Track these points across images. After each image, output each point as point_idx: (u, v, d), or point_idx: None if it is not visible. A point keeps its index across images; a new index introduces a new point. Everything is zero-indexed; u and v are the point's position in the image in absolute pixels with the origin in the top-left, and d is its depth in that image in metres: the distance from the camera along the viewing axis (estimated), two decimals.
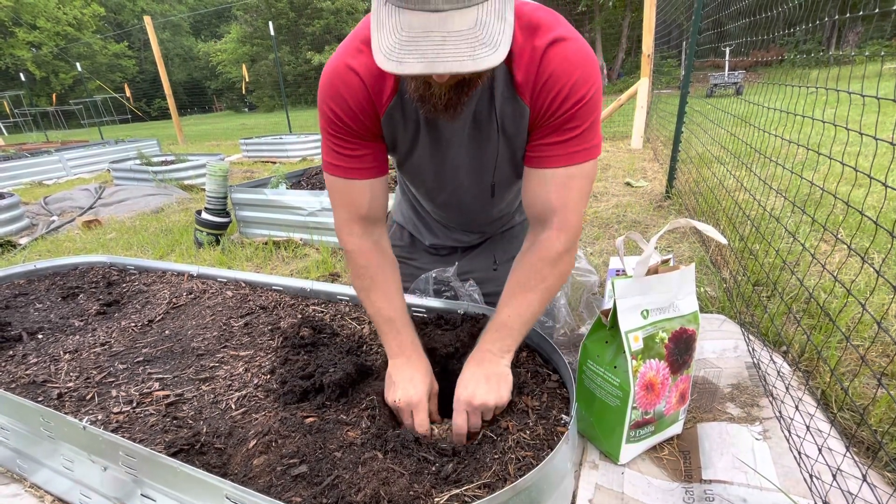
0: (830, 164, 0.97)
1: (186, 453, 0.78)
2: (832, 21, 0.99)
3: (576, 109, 0.79)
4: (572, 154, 0.82)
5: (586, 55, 0.78)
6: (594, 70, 0.79)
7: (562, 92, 0.78)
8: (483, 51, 0.59)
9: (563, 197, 0.84)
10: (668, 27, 4.90)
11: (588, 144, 0.82)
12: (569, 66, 0.77)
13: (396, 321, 0.91)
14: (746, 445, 0.86)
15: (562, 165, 0.83)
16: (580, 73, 0.77)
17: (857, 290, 1.49)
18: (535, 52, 0.77)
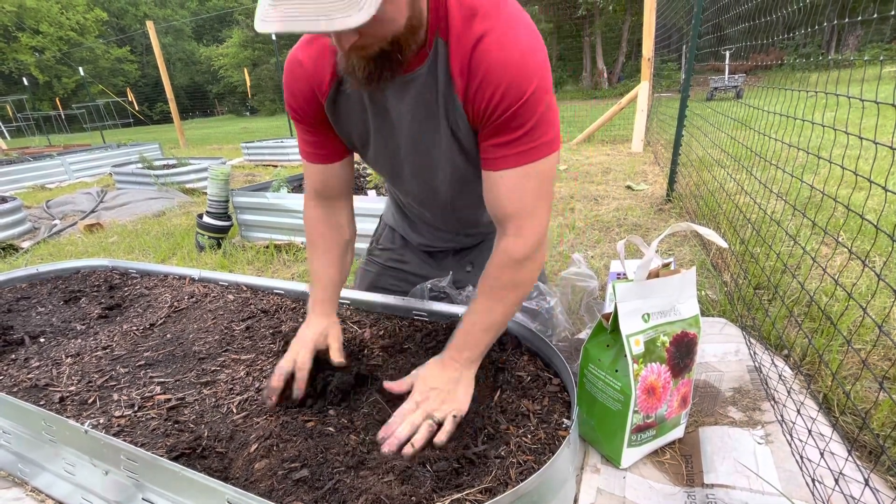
0: (831, 168, 0.97)
1: (188, 457, 0.78)
2: (832, 25, 0.99)
3: (515, 109, 0.75)
4: (520, 154, 0.79)
5: (522, 46, 0.73)
6: (533, 60, 0.74)
7: (496, 94, 0.74)
8: (341, 13, 0.57)
9: (516, 201, 0.81)
10: (668, 31, 4.91)
11: (537, 142, 0.78)
12: (501, 65, 0.73)
13: (319, 280, 1.01)
14: (748, 449, 0.85)
15: (511, 167, 0.80)
16: (514, 71, 0.73)
17: (859, 293, 1.49)
18: (467, 45, 0.74)
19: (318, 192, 1.01)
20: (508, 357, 0.98)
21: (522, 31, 0.75)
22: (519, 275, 0.84)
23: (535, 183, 0.81)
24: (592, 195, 3.28)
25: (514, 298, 0.86)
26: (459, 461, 0.73)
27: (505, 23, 0.74)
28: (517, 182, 0.80)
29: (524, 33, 0.75)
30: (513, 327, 1.06)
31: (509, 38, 0.73)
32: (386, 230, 1.39)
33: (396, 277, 1.35)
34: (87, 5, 31.97)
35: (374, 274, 1.38)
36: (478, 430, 0.80)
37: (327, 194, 1.01)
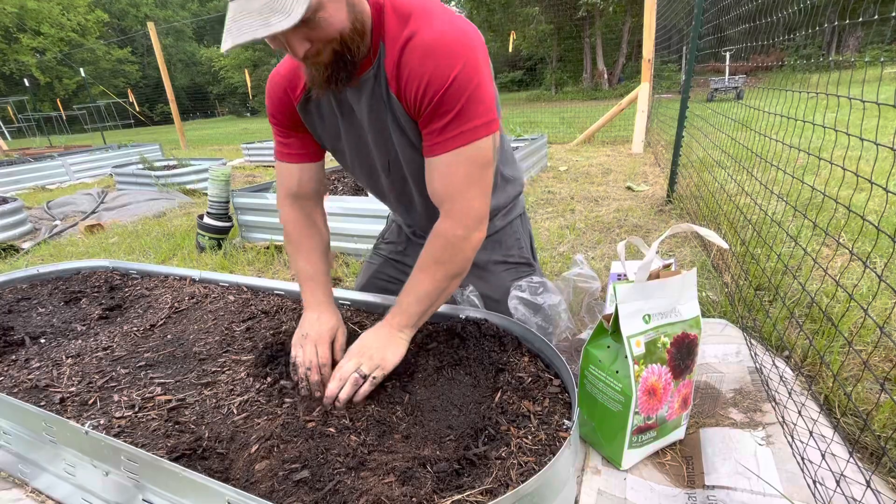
0: (832, 169, 0.97)
1: (188, 458, 0.78)
2: (832, 26, 0.99)
3: (440, 96, 0.81)
4: (449, 140, 0.84)
5: (443, 38, 0.80)
6: (456, 49, 0.80)
7: (420, 85, 0.82)
8: (276, 17, 0.68)
9: (447, 184, 0.88)
10: (668, 32, 4.92)
11: (465, 127, 0.83)
12: (423, 59, 0.81)
13: (314, 279, 1.04)
14: (749, 451, 0.85)
15: (442, 153, 0.86)
16: (436, 60, 0.80)
17: (860, 294, 1.49)
18: (399, 45, 0.83)
19: (292, 193, 1.07)
20: (509, 358, 0.98)
21: (448, 26, 0.82)
22: (447, 252, 0.90)
23: (464, 167, 0.86)
24: (593, 196, 3.28)
25: (442, 273, 0.92)
26: (460, 462, 0.73)
27: (431, 21, 0.82)
28: (448, 167, 0.86)
29: (449, 28, 0.82)
30: (513, 328, 1.06)
31: (434, 33, 0.81)
32: (393, 226, 1.42)
33: (398, 269, 1.36)
34: (89, 6, 32.02)
35: (376, 266, 1.41)
36: (478, 431, 0.80)
37: (301, 195, 1.07)
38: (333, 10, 0.75)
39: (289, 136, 1.03)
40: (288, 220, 1.08)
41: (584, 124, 6.92)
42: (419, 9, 0.84)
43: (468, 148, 0.85)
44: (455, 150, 0.85)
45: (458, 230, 0.88)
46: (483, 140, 0.85)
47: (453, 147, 0.85)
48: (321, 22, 0.74)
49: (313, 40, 0.76)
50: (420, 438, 0.81)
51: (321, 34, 0.76)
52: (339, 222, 2.47)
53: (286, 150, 1.05)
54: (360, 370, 0.87)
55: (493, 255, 1.23)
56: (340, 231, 2.48)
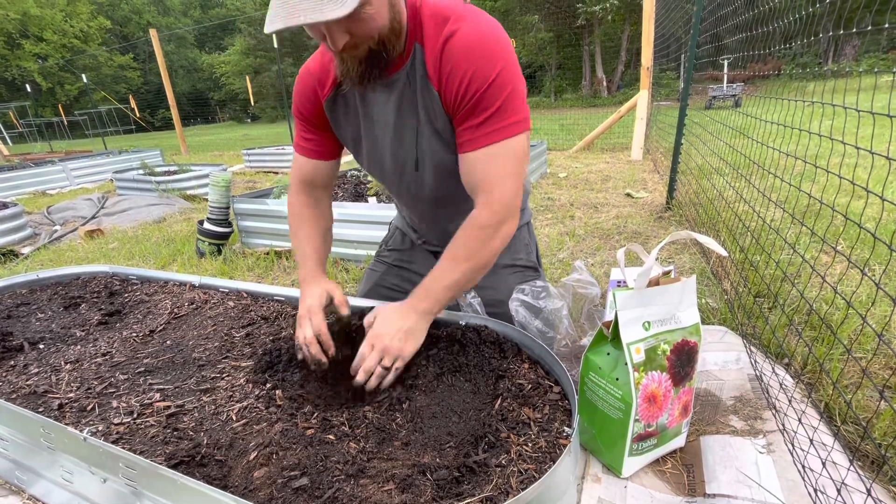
0: (828, 176, 0.98)
1: (187, 465, 0.78)
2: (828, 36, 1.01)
3: (481, 93, 0.85)
4: (489, 134, 0.88)
5: (485, 38, 0.84)
6: (497, 49, 0.84)
7: (464, 80, 0.85)
8: (329, 6, 0.70)
9: (484, 175, 0.90)
10: (666, 40, 4.96)
11: (504, 122, 0.87)
12: (467, 55, 0.84)
13: (310, 257, 1.08)
14: (750, 459, 0.85)
15: (481, 147, 0.89)
16: (479, 58, 0.84)
17: (859, 301, 1.49)
18: (439, 43, 0.86)
19: (305, 182, 1.12)
20: (509, 364, 0.98)
21: (485, 25, 0.86)
22: (483, 242, 0.91)
23: (502, 159, 0.89)
24: (592, 203, 3.29)
25: (477, 263, 0.93)
26: (460, 469, 0.73)
27: (469, 21, 0.86)
28: (487, 159, 0.89)
29: (487, 27, 0.86)
30: (513, 334, 1.06)
31: (474, 31, 0.85)
32: (396, 233, 1.43)
33: (401, 277, 1.37)
34: (91, 13, 32.25)
35: (379, 273, 1.41)
36: (478, 439, 0.80)
37: (315, 182, 1.12)
38: (377, 6, 0.78)
39: (310, 132, 1.07)
40: (295, 201, 1.12)
41: (583, 131, 6.95)
42: (457, 11, 0.87)
43: (507, 142, 0.88)
44: (495, 144, 0.88)
45: (493, 219, 0.90)
46: (520, 136, 0.89)
47: (493, 141, 0.88)
48: (364, 17, 0.76)
49: (354, 34, 0.78)
50: (420, 445, 0.80)
51: (363, 29, 0.78)
52: (339, 228, 2.48)
53: (306, 145, 1.09)
54: (383, 363, 0.90)
55: (503, 259, 1.25)
56: (340, 237, 2.49)
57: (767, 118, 1.36)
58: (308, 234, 1.10)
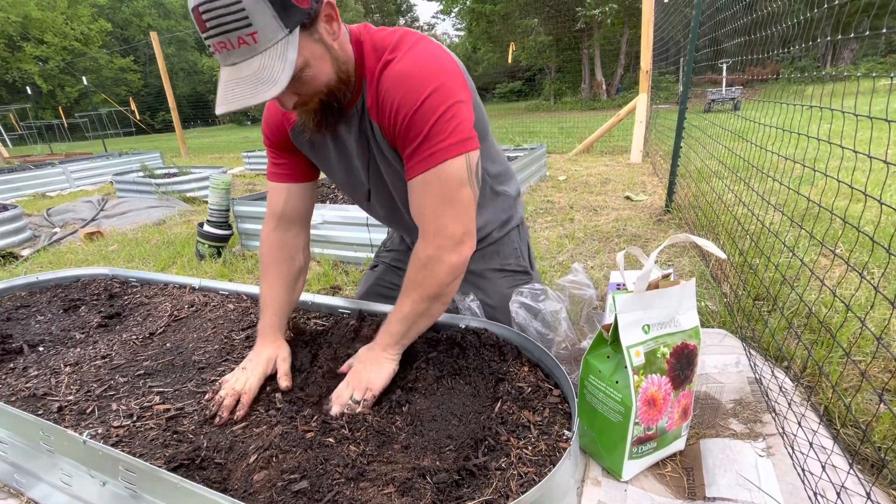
0: (827, 179, 0.98)
1: (186, 468, 0.78)
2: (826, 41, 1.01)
3: (409, 118, 0.85)
4: (421, 162, 0.87)
5: (416, 64, 0.85)
6: (427, 74, 0.84)
7: (392, 109, 0.86)
8: (263, 87, 0.74)
9: (419, 206, 0.90)
10: (665, 44, 4.98)
11: (435, 148, 0.85)
12: (395, 84, 0.85)
13: (270, 307, 1.07)
14: (750, 462, 0.85)
15: (415, 175, 0.88)
16: (407, 85, 0.84)
17: (858, 304, 1.49)
18: (376, 75, 0.88)
19: (277, 215, 1.09)
20: (509, 368, 0.98)
21: (419, 52, 0.86)
22: (424, 274, 0.90)
23: (436, 187, 0.87)
24: (592, 205, 3.29)
25: (418, 295, 0.92)
26: (460, 473, 0.73)
27: (404, 50, 0.87)
28: (421, 188, 0.88)
29: (420, 54, 0.86)
30: (513, 337, 1.07)
31: (406, 59, 0.86)
32: (395, 235, 1.44)
33: (400, 277, 1.36)
34: (92, 16, 32.33)
35: (378, 273, 1.42)
36: (478, 442, 0.80)
37: (287, 217, 1.09)
38: (319, 66, 0.81)
39: (281, 157, 1.07)
40: (263, 245, 1.11)
41: (582, 134, 6.97)
42: (396, 41, 0.88)
43: (439, 169, 0.86)
44: (427, 171, 0.86)
45: (431, 251, 0.89)
46: (455, 160, 0.86)
47: (426, 168, 0.86)
48: (307, 79, 0.80)
49: (301, 94, 0.82)
50: (419, 449, 0.80)
51: (308, 89, 0.82)
52: (339, 231, 2.48)
53: (277, 171, 1.09)
54: (353, 397, 0.91)
55: (491, 264, 1.25)
56: (340, 240, 2.49)
57: (766, 122, 1.37)
58: (272, 283, 1.09)
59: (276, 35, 0.73)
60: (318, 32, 0.80)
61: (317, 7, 0.77)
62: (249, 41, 0.72)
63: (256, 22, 0.71)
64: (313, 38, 0.79)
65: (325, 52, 0.82)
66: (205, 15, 0.71)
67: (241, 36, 0.72)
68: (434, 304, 0.94)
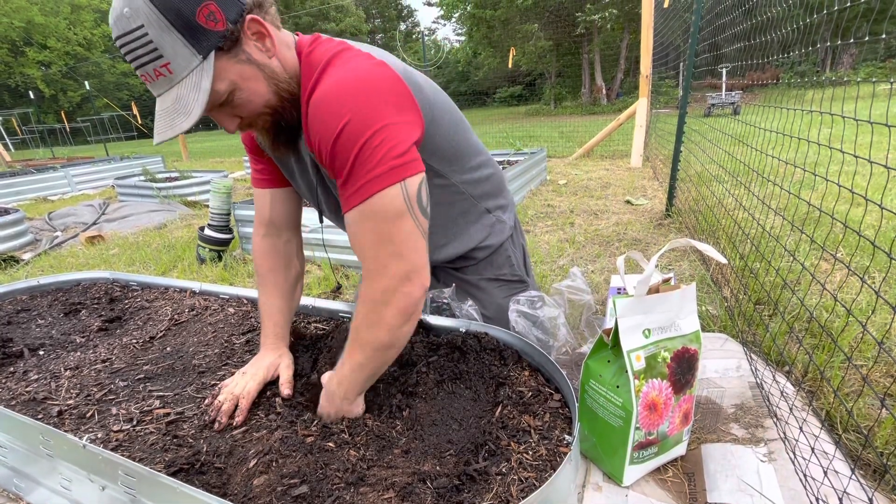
0: (828, 183, 0.98)
1: (186, 473, 0.77)
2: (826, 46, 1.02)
3: (330, 149, 0.77)
4: (351, 196, 0.78)
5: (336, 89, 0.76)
6: (347, 99, 0.75)
7: (316, 138, 0.78)
8: (179, 119, 0.74)
9: (356, 243, 0.81)
10: (665, 49, 5.00)
11: (361, 181, 0.76)
12: (315, 111, 0.77)
13: (271, 317, 1.06)
14: (752, 467, 0.85)
15: (348, 210, 0.80)
16: (324, 114, 0.76)
17: (859, 309, 1.49)
18: (305, 101, 0.82)
19: (266, 222, 1.07)
20: (510, 372, 0.98)
21: (345, 71, 0.78)
22: (371, 320, 0.80)
23: (369, 224, 0.78)
24: (592, 210, 3.29)
25: (373, 346, 0.81)
26: (460, 478, 0.73)
27: (332, 70, 0.80)
28: (357, 226, 0.79)
29: (345, 74, 0.78)
30: (514, 342, 1.06)
31: (327, 84, 0.78)
32: None
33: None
34: (95, 21, 32.55)
35: None
36: (479, 446, 0.80)
37: (275, 223, 1.08)
38: (250, 88, 0.77)
39: (259, 162, 1.05)
40: (256, 253, 1.09)
41: (582, 138, 6.99)
42: (326, 58, 0.81)
43: (371, 202, 0.76)
44: (359, 206, 0.77)
45: (376, 294, 0.78)
46: (388, 190, 0.75)
47: (356, 203, 0.77)
48: (240, 102, 0.78)
49: (239, 116, 0.81)
50: (420, 453, 0.80)
51: (245, 111, 0.80)
52: (340, 234, 2.48)
53: (259, 176, 1.07)
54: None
55: (485, 274, 1.23)
56: (340, 243, 2.49)
57: (766, 126, 1.37)
58: (271, 292, 1.07)
59: (189, 63, 0.71)
60: (245, 52, 0.75)
61: (236, 28, 0.73)
62: (164, 72, 0.72)
63: (167, 53, 0.70)
64: (238, 60, 0.75)
65: (257, 72, 0.77)
66: (122, 49, 0.72)
67: (156, 68, 0.71)
68: (388, 352, 0.84)
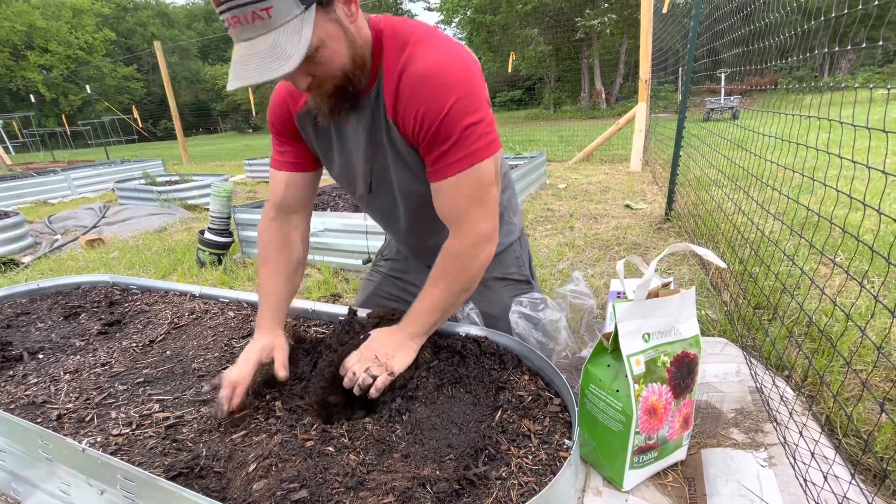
0: (826, 188, 0.99)
1: (185, 477, 0.77)
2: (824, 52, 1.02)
3: (436, 128, 0.85)
4: (451, 165, 0.88)
5: (438, 68, 0.83)
6: (450, 80, 0.83)
7: (417, 117, 0.85)
8: (276, 64, 0.73)
9: (453, 206, 0.92)
10: (664, 54, 5.02)
11: (464, 152, 0.86)
12: (419, 90, 0.84)
13: (267, 300, 1.06)
14: (752, 472, 0.85)
15: (445, 177, 0.89)
16: (431, 93, 0.83)
17: (858, 313, 1.49)
18: (396, 73, 0.86)
19: (278, 204, 1.08)
20: (509, 376, 0.98)
21: (443, 54, 0.85)
22: (457, 267, 0.93)
23: (468, 189, 0.89)
24: (592, 214, 3.30)
25: (450, 288, 0.95)
26: (460, 482, 0.73)
27: (427, 49, 0.85)
28: (454, 189, 0.90)
29: (444, 56, 0.85)
30: (513, 346, 1.06)
31: (429, 62, 0.84)
32: (391, 243, 1.43)
33: (397, 286, 1.37)
34: (97, 25, 32.69)
35: (375, 283, 1.41)
36: (479, 451, 0.79)
37: (287, 206, 1.09)
38: (334, 48, 0.79)
39: (285, 144, 1.07)
40: (262, 235, 1.10)
41: (582, 143, 7.00)
42: (416, 35, 0.87)
43: (470, 171, 0.88)
44: (458, 174, 0.88)
45: (466, 248, 0.92)
46: (484, 162, 0.88)
47: (456, 171, 0.88)
48: (322, 60, 0.79)
49: (315, 76, 0.82)
50: (419, 458, 0.80)
51: (323, 71, 0.81)
52: (339, 238, 2.49)
53: (280, 158, 1.07)
54: (370, 371, 0.91)
55: (493, 273, 1.25)
56: (340, 247, 2.49)
57: (765, 131, 1.38)
58: (271, 273, 1.07)
59: (291, 11, 0.72)
60: (335, 12, 0.78)
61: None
62: (264, 16, 0.71)
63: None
64: (330, 18, 0.77)
65: (342, 34, 0.80)
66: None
67: (256, 10, 0.71)
68: (461, 297, 0.97)
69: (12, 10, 27.60)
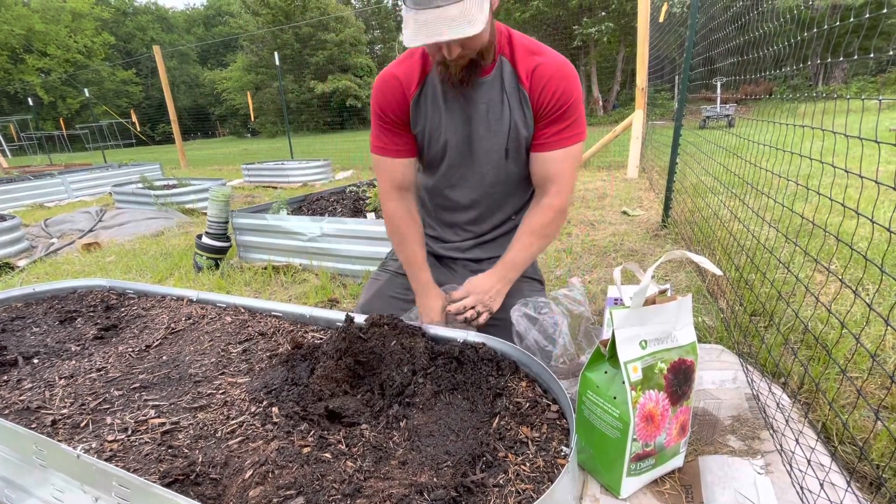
0: (821, 196, 1.00)
1: (181, 484, 0.77)
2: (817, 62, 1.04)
3: (567, 106, 1.13)
4: (567, 139, 1.16)
5: (568, 68, 1.14)
6: (574, 78, 1.14)
7: (556, 93, 1.11)
8: (463, 26, 0.93)
9: (560, 171, 1.17)
10: (661, 62, 5.07)
11: (576, 131, 1.16)
12: (557, 76, 1.11)
13: (420, 267, 1.26)
14: (749, 480, 0.85)
15: (560, 148, 1.16)
16: (566, 81, 1.12)
17: (853, 321, 1.50)
18: (534, 63, 1.12)
19: (396, 185, 1.26)
20: (507, 382, 0.98)
21: (566, 62, 1.15)
22: (555, 221, 1.20)
23: (572, 159, 1.18)
24: (589, 220, 3.31)
25: (545, 238, 1.22)
26: (457, 489, 0.73)
27: (554, 57, 1.14)
28: (563, 158, 1.17)
29: (567, 63, 1.15)
30: (511, 352, 1.07)
31: (560, 64, 1.13)
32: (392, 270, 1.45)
33: (405, 286, 1.37)
34: (96, 29, 32.76)
35: (382, 282, 1.42)
36: (476, 458, 0.79)
37: (404, 186, 1.27)
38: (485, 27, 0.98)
39: (393, 134, 1.22)
40: (394, 214, 1.27)
41: None
42: (542, 48, 1.15)
43: (576, 146, 1.17)
44: (569, 147, 1.16)
45: (565, 204, 1.19)
46: (581, 143, 1.18)
47: (569, 144, 1.15)
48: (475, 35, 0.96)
49: (465, 46, 1.00)
50: (417, 465, 0.80)
51: (473, 43, 1.01)
52: (337, 244, 2.49)
53: (392, 147, 1.23)
54: (477, 308, 1.18)
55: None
56: (338, 252, 2.49)
57: (760, 139, 1.39)
58: (416, 245, 1.27)
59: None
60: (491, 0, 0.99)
61: None
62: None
63: None
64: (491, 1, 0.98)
65: (490, 14, 1.00)
66: None
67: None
68: (547, 246, 1.25)
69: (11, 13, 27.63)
